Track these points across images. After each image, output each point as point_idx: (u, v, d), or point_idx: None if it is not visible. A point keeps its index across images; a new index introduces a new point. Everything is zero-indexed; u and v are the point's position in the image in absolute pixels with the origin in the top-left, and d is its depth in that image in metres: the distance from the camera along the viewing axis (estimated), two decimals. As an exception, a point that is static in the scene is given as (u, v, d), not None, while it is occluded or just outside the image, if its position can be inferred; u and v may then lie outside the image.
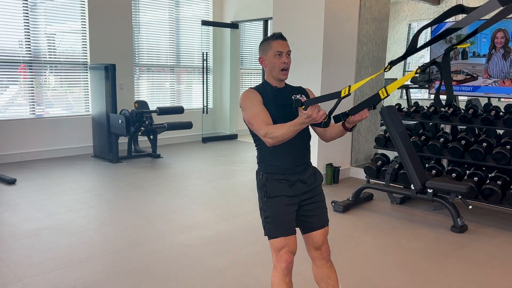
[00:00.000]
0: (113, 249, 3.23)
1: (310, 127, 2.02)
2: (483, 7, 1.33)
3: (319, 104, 1.66)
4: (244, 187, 5.07)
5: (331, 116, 1.76)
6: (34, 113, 6.30)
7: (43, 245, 3.26)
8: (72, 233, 3.52)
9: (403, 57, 1.69)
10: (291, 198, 1.99)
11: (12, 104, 6.20)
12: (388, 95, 1.66)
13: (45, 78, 6.40)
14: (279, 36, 2.01)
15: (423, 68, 1.64)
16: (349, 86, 1.66)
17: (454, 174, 4.22)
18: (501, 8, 1.30)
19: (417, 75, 1.63)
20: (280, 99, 2.00)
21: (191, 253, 3.19)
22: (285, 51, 1.99)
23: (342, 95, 1.65)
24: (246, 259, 3.10)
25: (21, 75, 6.14)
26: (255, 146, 2.09)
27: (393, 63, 1.68)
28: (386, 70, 1.72)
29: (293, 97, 1.67)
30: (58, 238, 3.41)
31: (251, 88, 2.06)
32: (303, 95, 1.97)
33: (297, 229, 2.08)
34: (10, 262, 2.98)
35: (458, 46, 1.60)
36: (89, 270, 2.89)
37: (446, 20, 1.66)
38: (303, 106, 1.64)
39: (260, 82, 2.12)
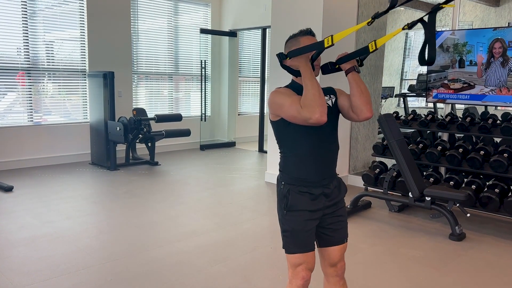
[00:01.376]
0: (110, 257, 3.21)
1: (343, 116, 1.92)
2: None
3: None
4: (243, 194, 5.06)
5: (315, 64, 1.84)
6: (32, 120, 6.30)
7: (40, 253, 3.24)
8: (69, 241, 3.50)
9: (386, 12, 1.74)
10: (312, 213, 1.87)
11: (10, 112, 6.19)
12: (376, 48, 1.71)
13: (44, 85, 6.41)
14: (308, 32, 1.90)
15: (411, 25, 1.69)
16: (332, 36, 1.65)
17: (452, 182, 4.23)
18: None
19: (404, 30, 1.68)
20: None
21: (188, 261, 3.17)
22: None
23: (326, 45, 1.67)
24: (244, 267, 3.09)
25: (19, 82, 6.14)
26: (280, 153, 1.95)
27: (376, 17, 1.73)
28: (369, 23, 1.75)
29: (276, 54, 1.77)
30: (55, 246, 3.39)
31: (278, 87, 1.90)
32: (332, 95, 1.95)
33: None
34: (6, 270, 2.96)
35: (444, 6, 1.63)
36: (86, 278, 2.87)
37: None
38: (288, 58, 1.74)
39: (287, 84, 1.96)
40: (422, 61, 1.71)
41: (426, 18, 1.67)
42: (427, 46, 1.68)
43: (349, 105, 1.88)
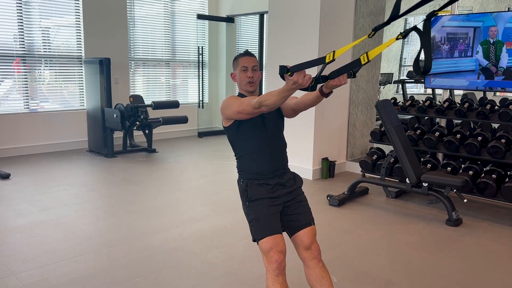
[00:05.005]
0: (107, 243, 3.22)
1: (283, 120, 2.18)
2: None
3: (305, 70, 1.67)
4: (240, 181, 5.06)
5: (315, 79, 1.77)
6: (28, 108, 6.26)
7: (37, 240, 3.25)
8: (67, 228, 3.50)
9: (387, 23, 1.71)
10: (272, 200, 2.04)
11: (7, 99, 6.15)
12: (369, 61, 1.67)
13: (40, 72, 6.35)
14: (245, 54, 2.14)
15: (404, 34, 1.65)
16: (334, 52, 1.64)
17: (449, 168, 4.23)
18: None
19: (398, 40, 1.64)
20: None
21: (185, 247, 3.18)
22: (251, 66, 2.08)
23: (327, 60, 1.65)
24: (241, 253, 3.10)
25: (15, 69, 6.08)
26: (235, 156, 2.17)
27: (376, 29, 1.73)
28: (370, 36, 1.76)
29: (280, 65, 1.70)
30: (52, 233, 3.39)
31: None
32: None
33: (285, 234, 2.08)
34: (3, 256, 2.96)
35: (439, 13, 1.60)
36: (83, 264, 2.88)
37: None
38: (289, 73, 1.67)
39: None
40: (417, 70, 1.69)
41: (420, 26, 1.64)
42: (422, 54, 1.64)
43: (288, 105, 2.09)
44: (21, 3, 5.95)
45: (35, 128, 6.24)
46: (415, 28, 1.65)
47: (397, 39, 1.66)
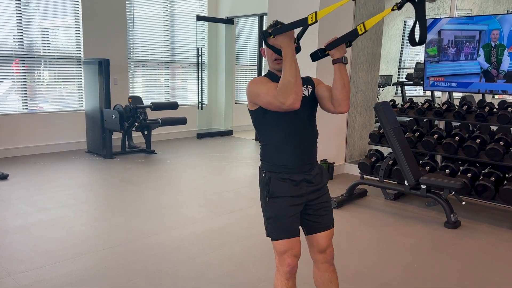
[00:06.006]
0: (105, 245, 3.21)
1: (320, 106, 1.94)
2: None
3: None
4: (239, 183, 5.06)
5: (299, 44, 1.83)
6: (27, 108, 6.25)
7: (34, 241, 3.24)
8: (64, 228, 3.49)
9: None
10: (295, 199, 1.88)
11: (6, 99, 6.14)
12: (366, 30, 1.67)
13: (39, 72, 6.35)
14: (274, 25, 1.90)
15: (399, 5, 1.64)
16: (316, 12, 1.63)
17: (447, 170, 4.23)
18: None
19: (394, 11, 1.64)
20: None
21: (183, 249, 3.17)
22: None
23: (309, 22, 1.64)
24: (240, 255, 3.09)
25: (14, 70, 6.08)
26: (260, 142, 1.98)
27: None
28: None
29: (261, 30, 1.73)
30: (50, 234, 3.38)
31: (255, 77, 1.95)
32: (309, 85, 1.94)
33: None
34: (0, 257, 2.95)
35: None
36: (81, 265, 2.87)
37: None
38: (272, 36, 1.69)
39: (265, 73, 2.00)
40: (412, 41, 1.68)
41: None
42: (417, 26, 1.64)
43: (327, 96, 1.89)
44: (20, 4, 5.95)
45: (33, 128, 6.23)
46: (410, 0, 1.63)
47: (392, 9, 1.65)
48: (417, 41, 1.64)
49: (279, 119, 1.85)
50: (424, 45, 4.73)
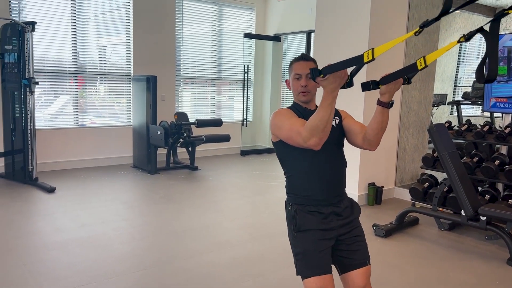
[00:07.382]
0: (140, 265, 3.13)
1: (346, 138, 1.89)
2: None
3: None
4: (280, 204, 4.85)
5: (354, 79, 1.64)
6: (77, 122, 6.45)
7: (71, 258, 3.22)
8: (101, 246, 3.47)
9: (437, 18, 1.49)
10: (325, 232, 1.79)
11: (61, 114, 6.37)
12: (426, 65, 1.45)
13: (93, 89, 6.57)
14: (300, 58, 1.87)
15: (467, 37, 1.40)
16: (372, 49, 1.44)
17: (511, 201, 3.83)
18: None
19: (460, 43, 1.40)
20: None
21: (219, 274, 3.03)
22: (305, 73, 1.81)
23: (365, 60, 1.45)
24: (278, 284, 2.90)
25: (71, 86, 6.30)
26: (284, 175, 1.92)
27: (425, 26, 1.50)
28: (416, 34, 1.51)
29: (310, 68, 1.57)
30: (87, 251, 3.36)
31: (280, 108, 1.90)
32: (336, 117, 1.85)
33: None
34: (36, 274, 2.95)
35: (510, 11, 1.34)
36: (114, 287, 2.80)
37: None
38: (322, 75, 1.52)
39: (290, 105, 1.96)
40: (480, 78, 1.44)
41: (487, 27, 1.41)
42: (487, 60, 1.40)
43: (357, 131, 1.85)
44: (75, 25, 6.18)
45: (83, 142, 6.40)
46: (481, 30, 1.40)
47: (458, 42, 1.42)
48: (485, 77, 1.41)
49: (304, 149, 1.72)
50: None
